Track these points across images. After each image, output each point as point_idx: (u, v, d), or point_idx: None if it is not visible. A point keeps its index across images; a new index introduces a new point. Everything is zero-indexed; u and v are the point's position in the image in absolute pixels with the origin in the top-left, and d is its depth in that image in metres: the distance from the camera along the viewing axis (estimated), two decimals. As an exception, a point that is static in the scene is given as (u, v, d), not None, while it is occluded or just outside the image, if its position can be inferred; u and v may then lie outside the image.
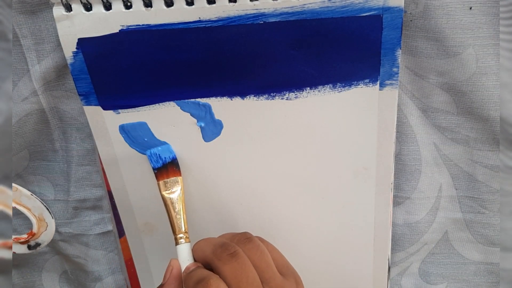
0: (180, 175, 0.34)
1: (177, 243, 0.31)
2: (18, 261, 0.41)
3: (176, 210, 0.32)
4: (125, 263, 0.41)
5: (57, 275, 0.42)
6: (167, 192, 0.33)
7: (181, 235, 0.32)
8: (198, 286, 0.26)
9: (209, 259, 0.29)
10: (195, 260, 0.31)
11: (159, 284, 0.30)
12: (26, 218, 0.32)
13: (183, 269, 0.30)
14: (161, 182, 0.33)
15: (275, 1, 0.28)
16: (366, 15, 0.29)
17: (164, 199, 0.33)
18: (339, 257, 0.38)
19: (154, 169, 0.33)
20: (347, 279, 0.40)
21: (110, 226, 0.39)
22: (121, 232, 0.39)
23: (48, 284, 0.42)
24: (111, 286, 0.42)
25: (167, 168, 0.33)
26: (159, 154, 0.33)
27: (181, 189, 0.33)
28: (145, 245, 0.39)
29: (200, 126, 0.33)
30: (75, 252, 0.40)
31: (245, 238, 0.30)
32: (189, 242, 0.31)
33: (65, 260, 0.41)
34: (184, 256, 0.31)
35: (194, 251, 0.31)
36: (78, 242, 0.39)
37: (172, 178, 0.33)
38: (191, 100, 0.32)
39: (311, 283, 0.40)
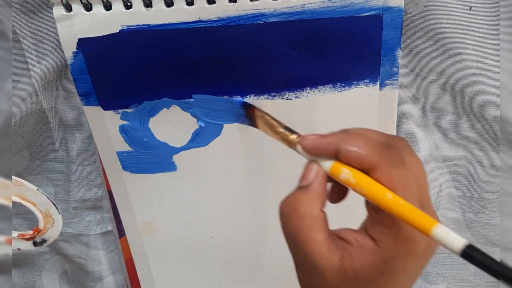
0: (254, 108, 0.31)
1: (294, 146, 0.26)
2: (18, 261, 0.41)
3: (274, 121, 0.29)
4: (125, 263, 0.41)
5: (57, 275, 0.42)
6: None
7: (294, 136, 0.27)
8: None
9: (368, 158, 0.23)
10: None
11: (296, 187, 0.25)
12: (28, 214, 0.31)
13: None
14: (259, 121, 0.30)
15: (275, 1, 0.28)
16: (366, 15, 0.29)
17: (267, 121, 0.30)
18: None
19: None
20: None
21: (111, 226, 0.39)
22: (121, 232, 0.39)
23: (48, 284, 0.42)
24: (112, 286, 0.41)
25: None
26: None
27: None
28: (145, 245, 0.39)
29: (200, 126, 0.33)
30: (76, 252, 0.40)
31: (406, 146, 0.24)
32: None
33: (66, 260, 0.41)
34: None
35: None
36: (78, 242, 0.39)
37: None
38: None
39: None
